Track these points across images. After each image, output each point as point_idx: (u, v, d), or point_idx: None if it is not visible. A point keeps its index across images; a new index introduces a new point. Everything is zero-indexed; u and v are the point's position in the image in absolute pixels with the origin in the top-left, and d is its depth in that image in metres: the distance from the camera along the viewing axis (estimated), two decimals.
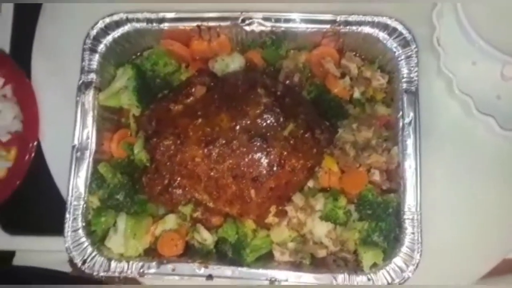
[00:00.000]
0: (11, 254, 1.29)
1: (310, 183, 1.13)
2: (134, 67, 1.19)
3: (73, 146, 1.13)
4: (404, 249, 1.07)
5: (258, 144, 1.04)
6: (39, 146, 1.28)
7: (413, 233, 1.07)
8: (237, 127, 1.05)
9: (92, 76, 1.17)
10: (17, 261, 1.29)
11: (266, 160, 1.04)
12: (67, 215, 1.11)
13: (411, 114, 1.11)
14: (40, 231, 1.27)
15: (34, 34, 1.33)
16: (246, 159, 1.04)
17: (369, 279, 1.06)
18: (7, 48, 1.36)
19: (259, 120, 1.05)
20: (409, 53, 1.15)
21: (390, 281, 1.05)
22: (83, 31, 1.19)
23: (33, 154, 1.26)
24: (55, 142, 1.26)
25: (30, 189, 1.28)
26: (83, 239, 1.11)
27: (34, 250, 1.28)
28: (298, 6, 1.20)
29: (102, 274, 1.09)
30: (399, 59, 1.15)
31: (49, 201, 1.23)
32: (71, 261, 1.26)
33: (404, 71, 1.14)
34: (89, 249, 1.10)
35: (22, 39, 1.35)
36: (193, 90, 1.13)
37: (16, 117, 1.29)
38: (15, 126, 1.29)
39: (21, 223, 1.30)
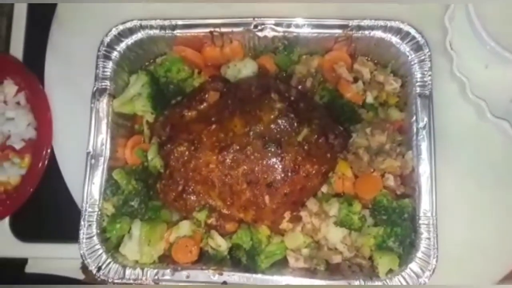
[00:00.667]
0: (23, 261, 1.29)
1: (324, 189, 1.13)
2: (148, 74, 1.20)
3: (88, 153, 1.14)
4: (420, 254, 1.06)
5: (272, 149, 1.03)
6: (52, 153, 1.28)
7: (428, 238, 1.06)
8: (251, 133, 1.05)
9: (106, 83, 1.18)
10: (30, 268, 1.29)
11: (281, 166, 1.04)
12: (82, 222, 1.11)
13: (425, 119, 1.11)
14: (53, 238, 1.28)
15: (47, 41, 1.34)
16: (260, 165, 1.04)
17: (385, 285, 1.05)
18: (20, 56, 1.36)
19: (273, 126, 1.05)
20: (422, 57, 1.14)
21: None
22: (95, 38, 1.20)
23: (46, 162, 1.27)
24: (68, 149, 1.27)
25: (43, 196, 1.28)
26: (98, 246, 1.11)
27: (46, 257, 1.28)
28: (309, 10, 1.21)
29: (116, 281, 1.09)
30: (412, 63, 1.15)
31: (62, 208, 1.24)
32: (83, 268, 1.27)
33: (418, 75, 1.14)
34: (104, 256, 1.10)
35: (35, 46, 1.36)
36: (206, 96, 1.13)
37: (30, 124, 1.30)
38: (29, 133, 1.30)
39: (34, 230, 1.31)
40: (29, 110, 1.31)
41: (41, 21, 1.36)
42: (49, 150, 1.27)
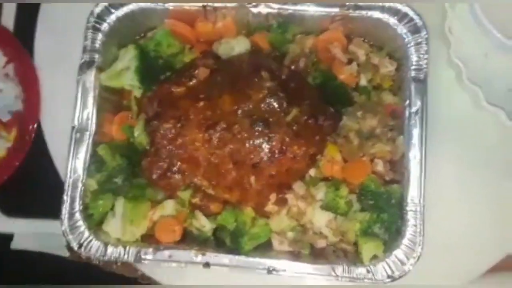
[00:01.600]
0: (9, 237, 1.29)
1: (312, 172, 1.11)
2: (137, 48, 1.16)
3: (73, 127, 1.12)
4: (405, 241, 1.04)
5: (260, 129, 1.02)
6: (39, 128, 1.26)
7: (415, 225, 1.04)
8: (239, 111, 1.03)
9: (95, 55, 1.15)
10: (15, 244, 1.28)
11: (268, 146, 1.02)
12: (65, 198, 1.09)
13: (418, 103, 1.08)
14: (39, 214, 1.27)
15: (38, 13, 1.31)
16: (247, 145, 1.03)
17: (368, 271, 1.04)
18: (11, 27, 1.34)
19: (262, 104, 1.03)
20: (419, 40, 1.11)
21: (390, 273, 1.03)
22: (88, 11, 1.16)
23: (33, 135, 1.25)
24: (56, 123, 1.25)
25: (29, 171, 1.26)
26: (80, 222, 1.09)
27: (32, 233, 1.27)
28: None
29: (98, 258, 1.08)
30: (409, 45, 1.12)
31: (48, 183, 1.22)
32: (68, 246, 1.26)
33: (413, 58, 1.11)
34: (86, 233, 1.09)
35: (26, 18, 1.32)
36: (196, 72, 1.11)
37: (18, 96, 1.28)
38: (16, 105, 1.28)
39: (20, 205, 1.30)
40: (17, 83, 1.29)
41: None
42: (36, 124, 1.25)
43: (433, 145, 1.10)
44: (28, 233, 1.29)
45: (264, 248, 1.10)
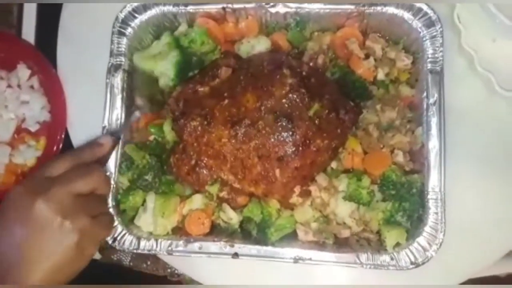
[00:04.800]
0: None
1: (334, 165, 1.14)
2: (173, 37, 1.20)
3: (103, 127, 1.17)
4: (427, 228, 1.07)
5: (284, 124, 1.04)
6: (67, 135, 1.30)
7: (436, 213, 1.07)
8: (263, 108, 1.06)
9: (121, 59, 1.19)
10: None
11: (291, 140, 1.05)
12: None
13: (436, 95, 1.11)
14: None
15: (58, 23, 1.34)
16: (272, 139, 1.05)
17: (392, 258, 1.07)
18: (32, 40, 1.38)
19: (284, 100, 1.06)
20: (434, 33, 1.14)
21: (413, 260, 1.06)
22: (107, 19, 1.21)
23: (61, 144, 1.29)
24: (83, 130, 1.28)
25: None
26: (114, 218, 1.14)
27: None
28: None
29: (133, 250, 1.12)
30: (424, 39, 1.15)
31: None
32: (100, 248, 1.30)
33: (429, 51, 1.14)
34: (119, 228, 1.13)
35: (47, 30, 1.36)
36: (219, 72, 1.14)
37: (44, 107, 1.32)
38: (43, 116, 1.32)
39: None
40: (42, 94, 1.33)
41: (52, 5, 1.36)
42: (63, 132, 1.29)
43: (451, 134, 1.12)
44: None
45: (290, 238, 1.13)
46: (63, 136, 1.29)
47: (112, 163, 1.15)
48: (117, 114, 1.17)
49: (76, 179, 1.03)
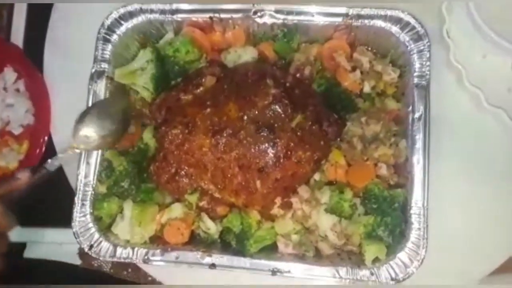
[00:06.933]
0: (22, 246, 1.31)
1: (317, 176, 1.13)
2: (154, 51, 1.19)
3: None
4: (409, 244, 1.05)
5: (265, 134, 1.04)
6: (50, 140, 1.29)
7: (419, 228, 1.05)
8: (245, 117, 1.05)
9: (105, 65, 1.19)
10: (28, 253, 1.31)
11: (273, 151, 1.04)
12: (76, 201, 1.13)
13: (421, 109, 1.10)
14: (51, 223, 1.29)
15: (46, 29, 1.35)
16: (253, 150, 1.04)
17: (372, 273, 1.05)
18: (20, 43, 1.38)
19: (267, 111, 1.05)
20: (421, 47, 1.13)
21: (394, 276, 1.04)
22: (95, 26, 1.20)
23: (44, 147, 1.28)
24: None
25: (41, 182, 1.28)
26: (90, 225, 1.12)
27: (44, 242, 1.30)
28: None
29: (108, 259, 1.10)
30: (411, 53, 1.14)
31: (59, 194, 1.24)
32: (80, 253, 1.28)
33: (416, 65, 1.13)
34: (96, 235, 1.12)
35: (35, 35, 1.37)
36: (203, 80, 1.14)
37: (28, 110, 1.32)
38: (27, 119, 1.32)
39: (32, 215, 1.31)
40: (28, 97, 1.33)
41: (41, 10, 1.37)
42: (46, 136, 1.28)
43: (436, 149, 1.11)
44: (40, 242, 1.31)
45: (269, 250, 1.11)
46: (46, 140, 1.28)
47: (91, 170, 1.14)
48: None
49: None
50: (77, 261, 1.30)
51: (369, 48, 1.22)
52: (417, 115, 1.10)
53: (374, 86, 1.19)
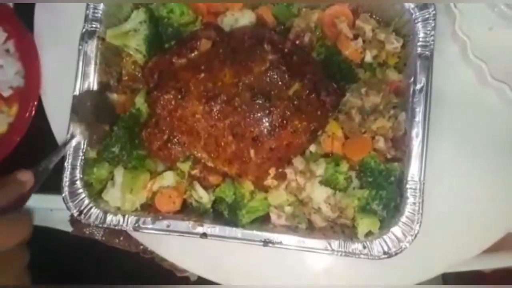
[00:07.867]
0: None
1: (313, 148, 1.10)
2: (148, 12, 1.15)
3: (74, 96, 1.12)
4: (403, 219, 1.04)
5: (261, 102, 1.01)
6: (40, 102, 1.25)
7: (414, 203, 1.04)
8: (240, 84, 1.02)
9: (96, 25, 1.14)
10: None
11: (268, 120, 1.01)
12: (65, 165, 1.10)
13: (423, 80, 1.06)
14: (41, 189, 1.25)
15: None
16: (247, 118, 1.02)
17: (364, 247, 1.04)
18: (10, 3, 1.31)
19: (263, 77, 1.02)
20: (426, 16, 1.09)
21: (386, 250, 1.03)
22: None
23: (34, 110, 1.24)
24: (56, 98, 1.23)
25: (31, 145, 1.25)
26: (80, 190, 1.10)
27: (35, 208, 1.27)
28: None
29: (98, 225, 1.09)
30: (416, 21, 1.10)
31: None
32: (72, 221, 1.27)
33: (420, 34, 1.09)
34: (86, 201, 1.10)
35: None
36: (198, 44, 1.09)
37: (18, 72, 1.27)
38: (17, 81, 1.27)
39: None
40: (17, 58, 1.28)
41: None
42: (36, 99, 1.24)
43: (436, 123, 1.09)
44: (31, 208, 1.29)
45: (262, 221, 1.10)
46: (36, 103, 1.24)
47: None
48: (89, 83, 1.12)
49: None
50: (69, 228, 1.29)
51: (373, 16, 1.18)
52: (418, 86, 1.07)
53: (376, 56, 1.15)
